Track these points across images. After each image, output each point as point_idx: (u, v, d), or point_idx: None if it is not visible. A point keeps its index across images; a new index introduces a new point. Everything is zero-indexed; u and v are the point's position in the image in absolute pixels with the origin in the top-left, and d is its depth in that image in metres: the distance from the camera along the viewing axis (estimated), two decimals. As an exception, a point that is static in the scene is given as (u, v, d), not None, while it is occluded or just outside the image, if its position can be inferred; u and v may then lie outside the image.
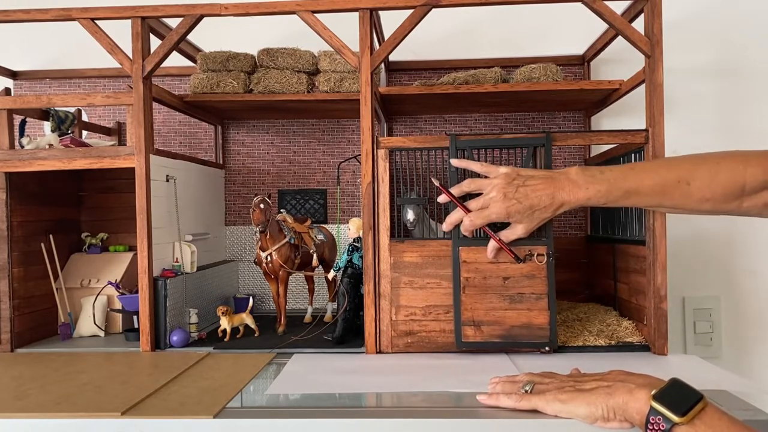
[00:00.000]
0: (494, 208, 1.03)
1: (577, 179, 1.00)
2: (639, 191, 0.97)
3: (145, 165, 1.21)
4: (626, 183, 0.97)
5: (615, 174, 0.99)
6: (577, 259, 1.63)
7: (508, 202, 1.01)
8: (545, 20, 1.68)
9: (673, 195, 0.95)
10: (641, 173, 0.98)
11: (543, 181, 1.02)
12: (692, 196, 0.94)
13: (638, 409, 0.71)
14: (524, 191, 1.01)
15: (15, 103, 1.26)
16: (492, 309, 1.15)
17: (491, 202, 1.03)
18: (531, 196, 1.01)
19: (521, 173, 1.04)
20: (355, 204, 1.71)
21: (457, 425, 0.81)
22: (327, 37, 1.18)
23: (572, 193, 0.99)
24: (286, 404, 0.89)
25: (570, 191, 1.00)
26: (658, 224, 1.13)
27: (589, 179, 0.99)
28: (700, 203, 0.94)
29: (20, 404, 0.87)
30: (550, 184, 1.01)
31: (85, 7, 1.20)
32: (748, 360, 1.67)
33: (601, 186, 0.98)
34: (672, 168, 0.96)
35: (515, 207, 1.01)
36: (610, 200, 0.99)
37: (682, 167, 0.96)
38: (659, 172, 0.97)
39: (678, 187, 0.95)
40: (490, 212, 1.04)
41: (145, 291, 1.20)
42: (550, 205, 1.01)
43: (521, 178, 1.03)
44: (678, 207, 0.97)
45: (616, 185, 0.98)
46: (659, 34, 1.14)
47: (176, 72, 1.71)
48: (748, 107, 1.67)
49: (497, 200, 1.02)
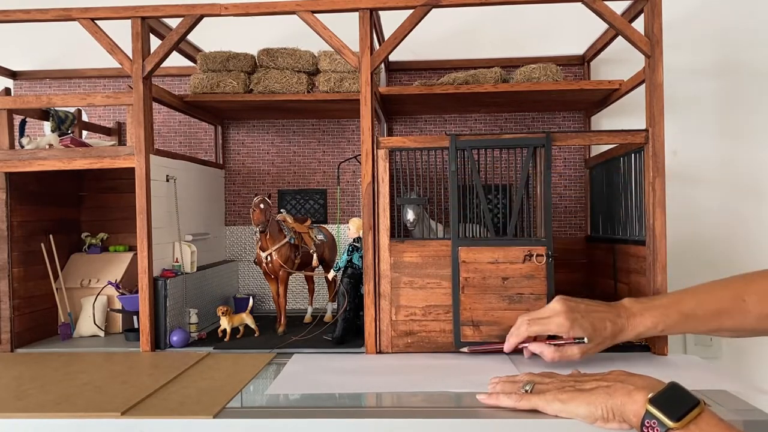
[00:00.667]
0: (560, 318, 0.99)
1: (630, 307, 0.99)
2: (696, 313, 0.95)
3: (145, 165, 1.21)
4: (681, 306, 0.96)
5: (668, 299, 0.98)
6: (577, 259, 1.63)
7: (572, 315, 0.98)
8: (545, 20, 1.68)
9: (732, 314, 0.93)
10: (696, 295, 0.97)
11: (599, 304, 1.01)
12: (750, 313, 0.92)
13: (635, 412, 0.71)
14: (585, 308, 1.00)
15: (15, 103, 1.26)
16: (491, 309, 1.15)
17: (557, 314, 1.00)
18: (592, 315, 0.98)
19: (575, 299, 1.02)
20: (355, 204, 1.71)
21: (457, 425, 0.81)
22: (327, 37, 1.18)
23: (629, 320, 0.98)
24: (286, 404, 0.89)
25: (627, 318, 0.98)
26: (658, 224, 1.13)
27: (642, 306, 0.98)
28: (760, 320, 0.92)
29: (20, 404, 0.87)
30: (608, 308, 1.00)
31: (85, 7, 1.20)
32: (748, 360, 1.67)
33: (655, 312, 0.97)
34: (725, 287, 0.95)
35: (578, 323, 0.98)
36: (668, 326, 0.97)
37: (736, 284, 0.95)
38: (713, 292, 0.96)
39: (734, 305, 0.93)
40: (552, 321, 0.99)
41: (145, 291, 1.20)
42: (611, 331, 0.98)
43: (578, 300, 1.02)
44: (739, 328, 0.95)
45: (671, 309, 0.96)
46: (659, 34, 1.14)
47: (176, 72, 1.71)
48: (748, 107, 1.67)
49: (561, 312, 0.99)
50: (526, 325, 1.02)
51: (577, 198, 1.68)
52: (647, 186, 1.15)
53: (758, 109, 1.67)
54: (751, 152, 1.67)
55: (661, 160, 1.13)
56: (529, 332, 1.02)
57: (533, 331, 1.01)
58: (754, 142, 1.67)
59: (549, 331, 1.00)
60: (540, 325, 1.00)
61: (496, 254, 1.15)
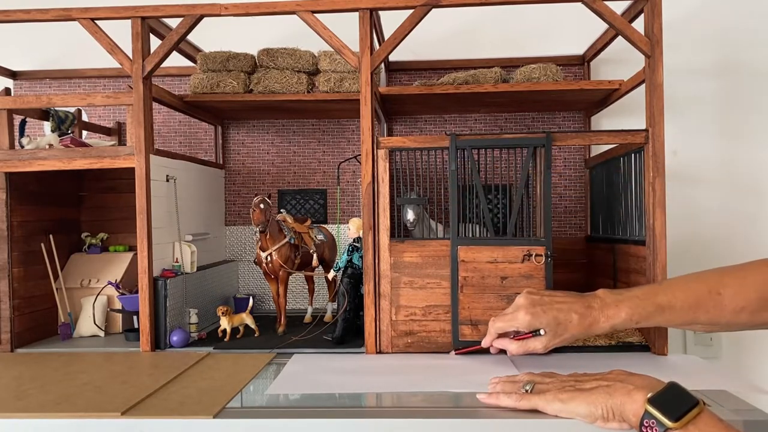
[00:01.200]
0: (521, 313, 0.99)
1: (604, 297, 0.98)
2: (672, 305, 0.94)
3: (145, 165, 1.21)
4: (657, 298, 0.95)
5: (644, 291, 0.97)
6: (577, 259, 1.63)
7: (532, 308, 0.98)
8: (545, 20, 1.68)
9: (707, 307, 0.93)
10: (671, 288, 0.96)
11: (566, 295, 1.01)
12: (726, 307, 0.91)
13: (634, 411, 0.71)
14: (549, 300, 0.99)
15: (15, 103, 1.26)
16: (490, 309, 1.15)
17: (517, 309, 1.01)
18: (555, 307, 0.98)
19: (542, 291, 1.03)
20: (355, 204, 1.71)
21: (457, 425, 0.81)
22: (327, 37, 1.18)
23: (602, 310, 0.96)
24: (286, 404, 0.89)
25: (600, 309, 0.97)
26: (658, 224, 1.13)
27: (617, 298, 0.97)
28: (735, 314, 0.91)
29: (20, 404, 0.87)
30: (576, 300, 0.99)
31: (85, 7, 1.20)
32: (748, 360, 1.67)
33: (630, 302, 0.96)
34: (700, 280, 0.95)
35: (539, 317, 0.98)
36: (644, 317, 0.96)
37: (711, 278, 0.94)
38: (689, 285, 0.95)
39: (710, 298, 0.92)
40: (514, 316, 1.00)
41: (145, 291, 1.20)
42: (579, 323, 0.97)
43: (545, 292, 1.02)
44: (714, 321, 0.94)
45: (647, 301, 0.95)
46: (659, 34, 1.14)
47: (176, 72, 1.71)
48: (748, 107, 1.67)
49: (522, 306, 1.00)
50: (492, 323, 1.03)
51: (577, 198, 1.68)
52: (647, 186, 1.15)
53: (758, 109, 1.67)
54: (751, 152, 1.67)
55: (661, 160, 1.13)
56: (494, 329, 1.03)
57: (498, 328, 1.02)
58: (754, 142, 1.67)
59: (513, 326, 1.00)
60: (503, 321, 1.01)
61: (495, 254, 1.15)
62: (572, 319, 0.96)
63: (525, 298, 1.01)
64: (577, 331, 0.97)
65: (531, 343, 0.99)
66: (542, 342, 0.98)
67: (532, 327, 0.98)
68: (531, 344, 0.99)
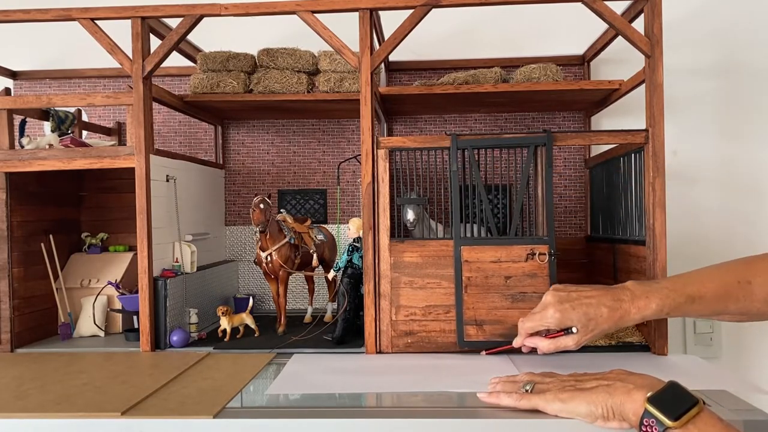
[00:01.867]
0: (549, 311, 0.97)
1: (634, 290, 0.96)
2: (702, 295, 0.93)
3: (145, 165, 1.21)
4: (687, 288, 0.94)
5: (673, 282, 0.96)
6: (578, 258, 1.63)
7: (561, 306, 0.97)
8: (545, 20, 1.68)
9: (737, 297, 0.92)
10: (700, 278, 0.95)
11: (594, 289, 0.99)
12: (756, 296, 0.91)
13: (634, 410, 0.71)
14: (577, 296, 0.97)
15: (15, 103, 1.26)
16: (494, 308, 1.15)
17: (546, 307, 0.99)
18: (584, 302, 0.96)
19: (569, 286, 1.01)
20: (355, 204, 1.71)
21: (457, 425, 0.81)
22: (327, 37, 1.18)
23: (633, 302, 0.95)
24: (286, 404, 0.89)
25: (631, 301, 0.95)
26: (658, 224, 1.13)
27: (647, 289, 0.96)
28: (766, 303, 0.91)
29: (20, 404, 0.87)
30: (605, 293, 0.97)
31: (85, 7, 1.20)
32: (748, 360, 1.67)
33: (660, 293, 0.94)
34: (730, 269, 0.94)
35: (568, 313, 0.96)
36: (674, 308, 0.95)
37: (740, 267, 0.93)
38: (718, 274, 0.94)
39: (740, 288, 0.91)
40: (543, 315, 0.98)
41: (145, 291, 1.20)
42: (609, 317, 0.95)
43: (571, 287, 1.00)
44: (744, 311, 0.93)
45: (677, 291, 0.94)
46: (659, 34, 1.14)
47: (176, 72, 1.71)
48: (748, 107, 1.67)
49: (550, 304, 0.98)
50: (521, 323, 1.02)
51: (577, 198, 1.68)
52: (647, 186, 1.15)
53: (758, 109, 1.67)
54: (751, 152, 1.67)
55: (661, 160, 1.13)
56: (525, 329, 1.01)
57: (528, 328, 1.00)
58: (754, 142, 1.67)
59: (542, 325, 0.99)
60: (533, 320, 1.00)
61: (499, 253, 1.15)
62: (602, 313, 0.95)
63: (552, 296, 0.98)
64: (608, 325, 0.96)
65: (562, 341, 0.97)
66: (574, 339, 0.96)
67: (562, 325, 0.97)
68: (562, 342, 0.97)
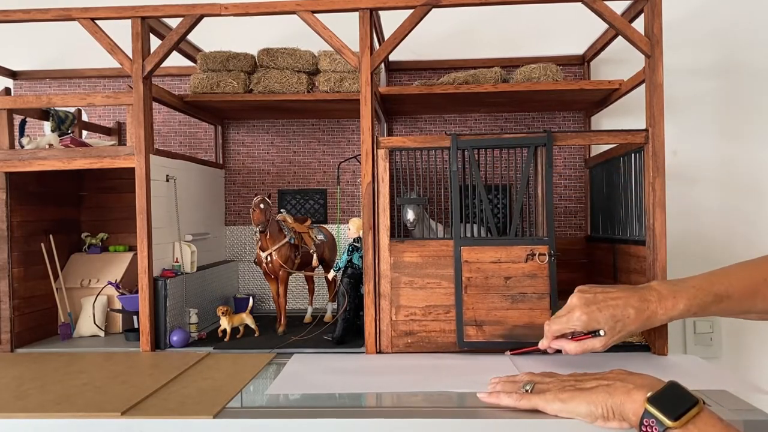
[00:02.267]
0: (576, 313, 0.97)
1: (661, 290, 0.95)
2: (730, 294, 0.93)
3: (145, 165, 1.21)
4: (714, 288, 0.93)
5: (699, 281, 0.95)
6: (578, 259, 1.63)
7: (587, 308, 0.96)
8: (545, 20, 1.68)
9: (765, 294, 0.91)
10: (727, 277, 0.94)
11: (620, 290, 0.98)
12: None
13: (634, 410, 0.71)
14: (603, 297, 0.96)
15: (15, 103, 1.26)
16: (494, 309, 1.15)
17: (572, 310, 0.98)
18: (611, 304, 0.95)
19: (595, 288, 1.00)
20: (355, 204, 1.71)
21: (457, 425, 0.81)
22: (327, 37, 1.18)
23: (660, 303, 0.94)
24: (286, 404, 0.89)
25: (658, 301, 0.95)
26: (658, 224, 1.13)
27: (674, 288, 0.95)
28: None
29: (20, 404, 0.87)
30: (632, 294, 0.96)
31: (85, 7, 1.20)
32: (748, 360, 1.67)
33: (688, 293, 0.94)
34: (756, 267, 0.94)
35: (595, 316, 0.95)
36: (701, 307, 0.94)
37: (766, 265, 0.93)
38: (744, 273, 0.94)
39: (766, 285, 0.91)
40: (569, 317, 0.97)
41: (145, 291, 1.20)
42: (636, 318, 0.94)
43: (597, 288, 1.00)
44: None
45: (704, 291, 0.93)
46: (659, 34, 1.14)
47: (176, 72, 1.71)
48: (748, 107, 1.67)
49: (577, 307, 0.97)
50: (547, 325, 1.01)
51: (577, 198, 1.68)
52: (647, 186, 1.15)
53: (758, 109, 1.67)
54: (751, 152, 1.67)
55: (661, 160, 1.13)
56: (551, 332, 1.00)
57: (555, 330, 0.99)
58: (754, 142, 1.67)
59: (569, 328, 0.98)
60: (559, 323, 0.99)
61: (499, 254, 1.15)
62: (629, 314, 0.94)
63: (578, 298, 0.98)
64: (635, 326, 0.95)
65: (589, 343, 0.97)
66: (601, 341, 0.96)
67: (589, 327, 0.96)
68: (590, 344, 0.97)
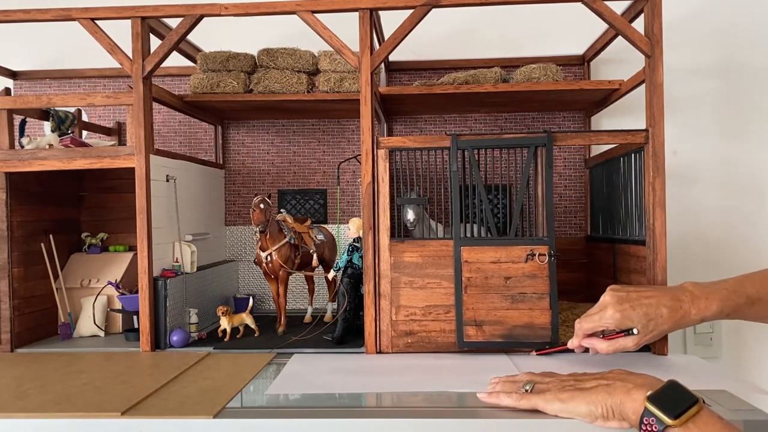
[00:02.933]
0: (609, 311, 0.97)
1: (694, 290, 0.96)
2: (762, 297, 0.93)
3: (145, 165, 1.21)
4: (747, 290, 0.93)
5: (732, 283, 0.95)
6: (577, 259, 1.63)
7: (620, 306, 0.96)
8: (545, 20, 1.68)
9: None
10: (759, 279, 0.95)
11: (653, 289, 0.98)
12: None
13: (634, 409, 0.71)
14: (636, 296, 0.97)
15: (15, 103, 1.26)
16: (494, 309, 1.15)
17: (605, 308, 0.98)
18: (644, 302, 0.95)
19: (627, 287, 1.00)
20: (355, 204, 1.71)
21: (457, 425, 0.81)
22: (327, 37, 1.18)
23: (694, 303, 0.94)
24: (286, 404, 0.89)
25: (691, 302, 0.95)
26: (658, 224, 1.13)
27: (706, 290, 0.95)
28: None
29: (20, 404, 0.87)
30: (664, 293, 0.96)
31: (85, 7, 1.20)
32: (748, 360, 1.67)
33: (721, 294, 0.94)
34: None
35: (628, 314, 0.95)
36: (734, 309, 0.94)
37: None
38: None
39: None
40: (602, 315, 0.97)
41: (145, 291, 1.20)
42: (669, 318, 0.94)
43: (629, 287, 0.99)
44: None
45: (737, 293, 0.94)
46: (659, 34, 1.14)
47: (176, 72, 1.71)
48: (748, 107, 1.67)
49: (610, 305, 0.97)
50: (578, 323, 1.01)
51: (577, 198, 1.68)
52: (647, 186, 1.15)
53: (758, 109, 1.67)
54: (751, 152, 1.67)
55: (661, 160, 1.13)
56: (583, 330, 1.00)
57: (586, 329, 0.99)
58: (754, 142, 1.67)
59: (601, 326, 0.98)
60: (591, 321, 0.99)
61: (499, 254, 1.15)
62: (662, 313, 0.94)
63: (611, 296, 0.98)
64: (668, 326, 0.95)
65: (622, 342, 0.96)
66: (634, 340, 0.95)
67: (622, 326, 0.96)
68: (622, 343, 0.96)
